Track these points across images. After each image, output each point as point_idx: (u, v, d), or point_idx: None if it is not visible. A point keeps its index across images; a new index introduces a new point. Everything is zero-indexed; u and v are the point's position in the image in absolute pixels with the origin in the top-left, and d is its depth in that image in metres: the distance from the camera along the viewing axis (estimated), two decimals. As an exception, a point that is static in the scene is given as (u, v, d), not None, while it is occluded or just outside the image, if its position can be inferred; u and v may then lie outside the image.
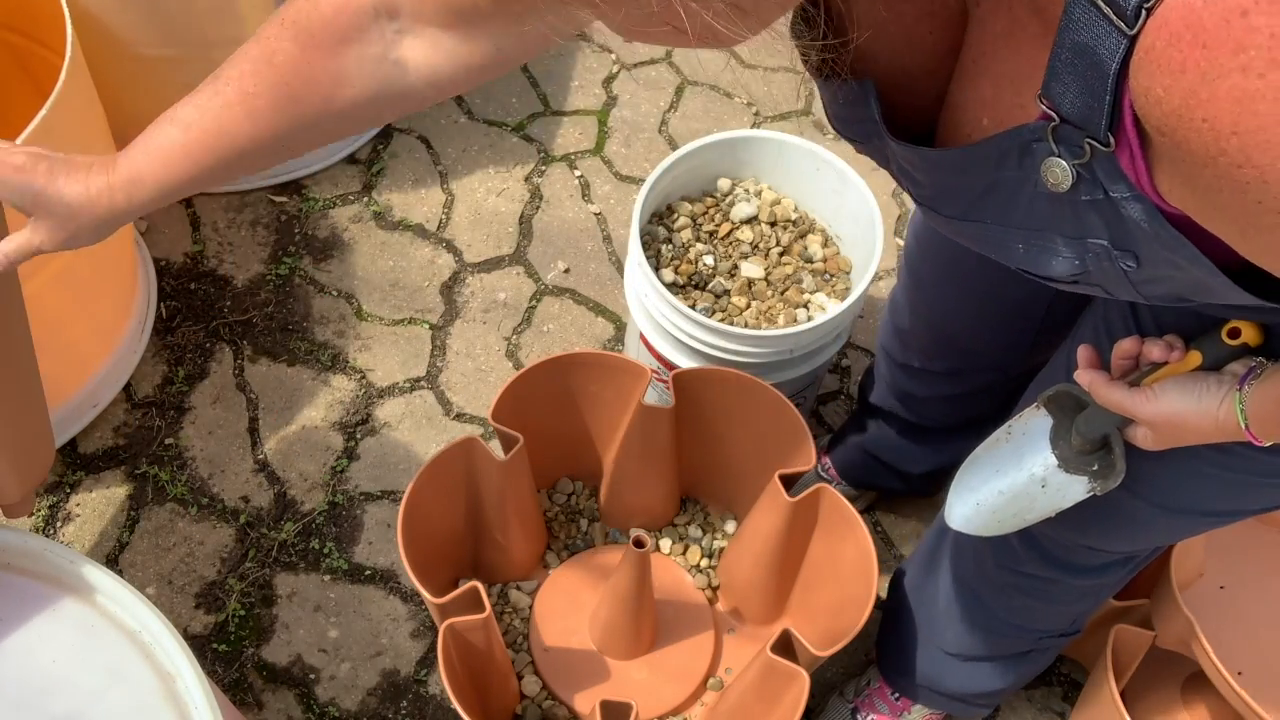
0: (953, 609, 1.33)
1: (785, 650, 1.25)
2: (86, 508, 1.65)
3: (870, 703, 1.53)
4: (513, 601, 1.51)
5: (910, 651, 1.43)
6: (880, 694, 1.52)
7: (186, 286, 1.86)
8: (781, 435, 1.42)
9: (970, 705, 1.45)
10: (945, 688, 1.42)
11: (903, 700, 1.50)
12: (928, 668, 1.42)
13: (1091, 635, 1.50)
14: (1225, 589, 1.36)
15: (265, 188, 1.98)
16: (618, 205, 2.05)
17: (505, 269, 1.95)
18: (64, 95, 1.38)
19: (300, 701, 1.53)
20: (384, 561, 1.65)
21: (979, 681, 1.38)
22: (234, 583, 1.61)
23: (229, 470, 1.70)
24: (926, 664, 1.42)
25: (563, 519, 1.59)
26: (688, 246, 1.60)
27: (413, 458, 1.74)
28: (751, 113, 2.21)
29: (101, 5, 1.63)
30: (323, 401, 1.78)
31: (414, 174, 2.04)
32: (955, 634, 1.35)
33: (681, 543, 1.58)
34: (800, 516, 1.36)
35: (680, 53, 2.28)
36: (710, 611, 1.52)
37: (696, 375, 1.42)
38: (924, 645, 1.41)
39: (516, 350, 1.86)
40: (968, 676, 1.38)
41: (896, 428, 1.55)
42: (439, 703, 1.54)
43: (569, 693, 1.44)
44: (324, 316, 1.86)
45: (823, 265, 1.61)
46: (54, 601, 1.00)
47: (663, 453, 1.46)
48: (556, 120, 2.15)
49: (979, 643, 1.33)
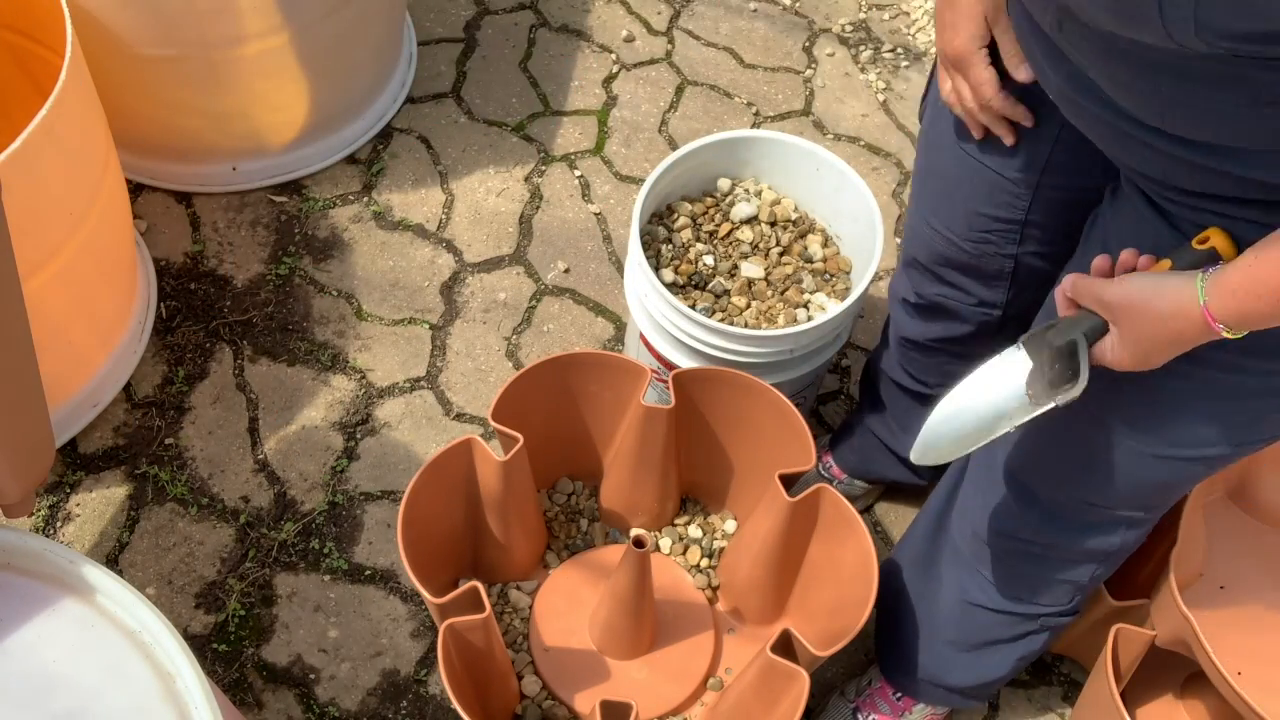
0: (953, 595, 1.34)
1: (785, 650, 1.25)
2: (86, 508, 1.65)
3: (872, 703, 1.53)
4: (513, 601, 1.51)
5: (911, 648, 1.43)
6: (881, 694, 1.52)
7: (186, 286, 1.86)
8: (781, 435, 1.42)
9: (972, 698, 1.46)
10: (949, 681, 1.42)
11: (904, 700, 1.51)
12: (930, 663, 1.42)
13: (1091, 635, 1.50)
14: (1225, 589, 1.36)
15: (265, 188, 1.98)
16: (618, 205, 2.05)
17: (505, 269, 1.95)
18: (64, 95, 1.38)
19: (300, 701, 1.53)
20: (384, 561, 1.65)
21: (981, 670, 1.39)
22: (234, 583, 1.61)
23: (229, 470, 1.70)
24: (929, 659, 1.42)
25: (563, 519, 1.59)
26: (688, 246, 1.60)
27: (413, 458, 1.74)
28: (751, 113, 2.21)
29: (101, 5, 1.63)
30: (323, 401, 1.78)
31: (414, 174, 2.04)
32: (957, 622, 1.35)
33: (681, 543, 1.58)
34: (800, 516, 1.36)
35: (680, 52, 2.28)
36: (710, 611, 1.52)
37: (696, 375, 1.42)
38: (925, 640, 1.41)
39: (516, 350, 1.86)
40: (970, 667, 1.39)
41: (899, 404, 1.55)
42: (439, 703, 1.54)
43: (569, 693, 1.44)
44: (324, 316, 1.86)
45: (823, 265, 1.61)
46: (54, 601, 1.00)
47: (663, 453, 1.46)
48: (556, 120, 2.15)
49: (981, 628, 1.34)
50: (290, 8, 1.72)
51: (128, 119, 1.79)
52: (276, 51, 1.78)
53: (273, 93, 1.85)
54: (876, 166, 2.16)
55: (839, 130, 2.21)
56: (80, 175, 1.49)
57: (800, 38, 2.35)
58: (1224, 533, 1.39)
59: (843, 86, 2.28)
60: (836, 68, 2.31)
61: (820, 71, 2.30)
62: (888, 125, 2.23)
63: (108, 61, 1.67)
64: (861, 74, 2.31)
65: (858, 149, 2.19)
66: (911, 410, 1.53)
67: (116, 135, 1.65)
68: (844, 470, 1.72)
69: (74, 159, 1.46)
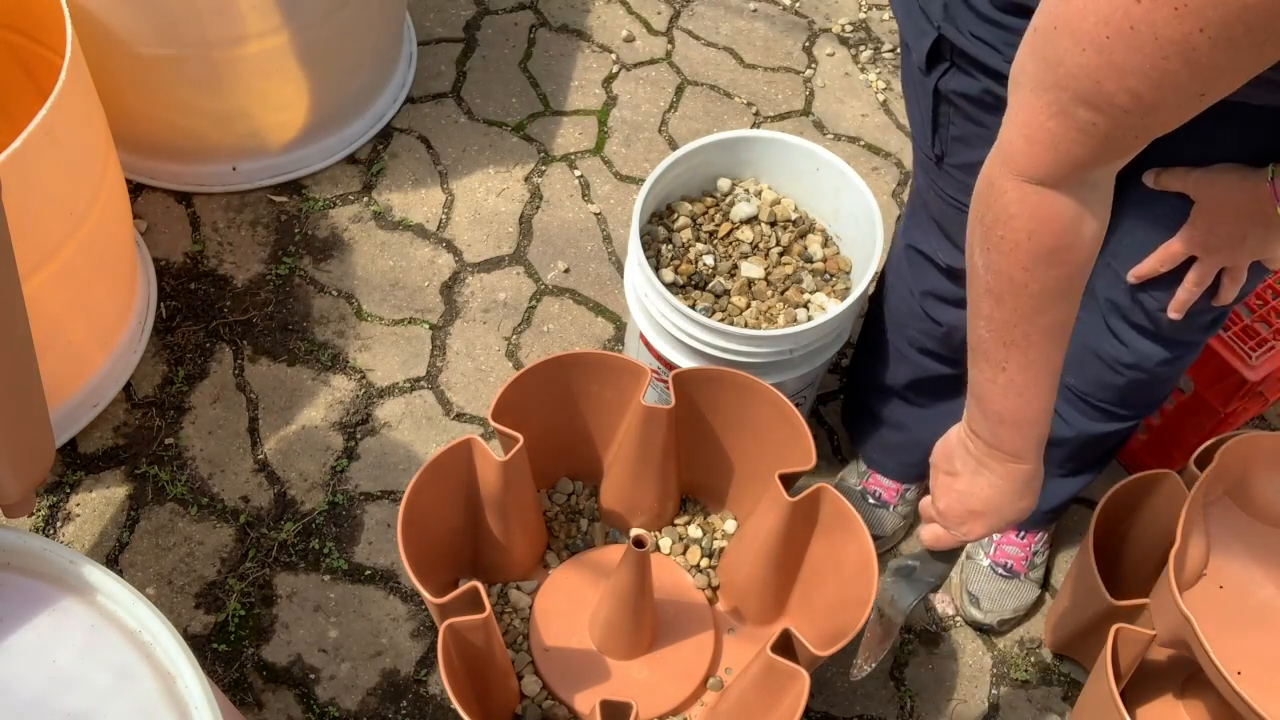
0: None
1: (785, 650, 1.25)
2: (86, 508, 1.65)
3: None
4: (513, 601, 1.51)
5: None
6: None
7: (186, 286, 1.86)
8: (781, 435, 1.42)
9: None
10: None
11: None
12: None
13: (1091, 635, 1.50)
14: (1225, 589, 1.36)
15: (265, 188, 1.98)
16: (618, 205, 2.05)
17: (505, 269, 1.95)
18: (64, 95, 1.38)
19: (300, 701, 1.53)
20: (384, 561, 1.65)
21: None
22: (234, 583, 1.61)
23: (229, 470, 1.70)
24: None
25: (563, 519, 1.59)
26: (688, 246, 1.60)
27: (413, 458, 1.74)
28: (751, 113, 2.21)
29: (101, 5, 1.63)
30: (323, 401, 1.78)
31: (414, 174, 2.04)
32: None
33: (681, 543, 1.58)
34: (800, 516, 1.36)
35: (680, 52, 2.29)
36: (710, 611, 1.52)
37: (696, 375, 1.42)
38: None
39: (516, 350, 1.86)
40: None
41: (927, 389, 1.56)
42: (439, 703, 1.54)
43: (569, 693, 1.44)
44: (324, 316, 1.86)
45: (823, 265, 1.61)
46: (54, 601, 1.00)
47: (663, 453, 1.46)
48: (556, 120, 2.15)
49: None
50: (290, 8, 1.72)
51: (128, 119, 1.79)
52: (277, 51, 1.78)
53: (273, 92, 1.85)
54: (876, 166, 2.16)
55: (839, 130, 2.21)
56: (80, 175, 1.49)
57: (800, 38, 2.35)
58: (1224, 533, 1.39)
59: (843, 86, 2.28)
60: (836, 68, 2.31)
61: (820, 71, 2.30)
62: (888, 125, 2.23)
63: (108, 61, 1.67)
64: (861, 74, 2.31)
65: (858, 149, 2.19)
66: (944, 382, 1.54)
67: (116, 135, 1.65)
68: (893, 475, 1.71)
69: (74, 159, 1.46)
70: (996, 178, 0.87)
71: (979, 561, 1.66)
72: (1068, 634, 1.58)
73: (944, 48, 1.12)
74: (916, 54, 1.15)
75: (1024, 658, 1.65)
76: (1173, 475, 1.43)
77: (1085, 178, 0.85)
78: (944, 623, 1.67)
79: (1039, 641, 1.67)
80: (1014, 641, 1.67)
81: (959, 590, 1.67)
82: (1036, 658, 1.65)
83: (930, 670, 1.63)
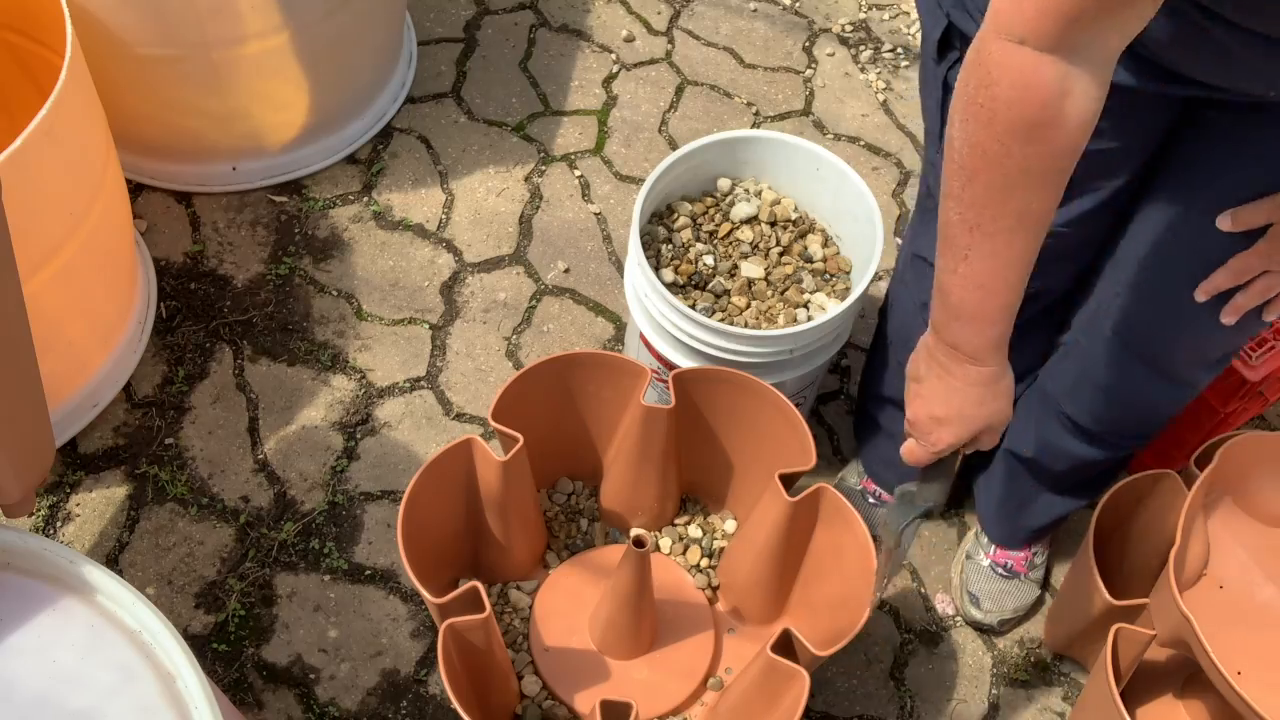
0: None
1: (785, 650, 1.25)
2: (86, 508, 1.65)
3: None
4: (513, 601, 1.51)
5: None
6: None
7: (186, 286, 1.86)
8: (781, 435, 1.42)
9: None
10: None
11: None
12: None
13: (1091, 635, 1.50)
14: (1225, 589, 1.36)
15: (265, 187, 1.98)
16: (618, 205, 2.05)
17: (505, 269, 1.95)
18: (64, 95, 1.38)
19: (300, 701, 1.53)
20: (384, 561, 1.65)
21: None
22: (234, 583, 1.61)
23: (229, 470, 1.70)
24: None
25: (563, 519, 1.59)
26: (688, 246, 1.60)
27: (413, 458, 1.74)
28: (751, 113, 2.21)
29: (101, 5, 1.63)
30: (323, 401, 1.78)
31: (414, 174, 2.04)
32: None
33: (681, 543, 1.58)
34: (800, 516, 1.36)
35: (680, 52, 2.28)
36: (710, 611, 1.52)
37: (696, 375, 1.42)
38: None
39: (516, 350, 1.86)
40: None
41: None
42: (439, 703, 1.54)
43: (569, 692, 1.44)
44: (324, 316, 1.86)
45: (823, 265, 1.61)
46: (54, 601, 1.00)
47: (663, 453, 1.46)
48: (556, 120, 2.15)
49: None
50: (290, 8, 1.72)
51: (128, 119, 1.79)
52: (276, 51, 1.78)
53: (273, 93, 1.85)
54: (876, 166, 2.16)
55: (839, 130, 2.21)
56: (80, 175, 1.49)
57: (800, 38, 2.35)
58: (1224, 533, 1.39)
59: (843, 86, 2.28)
60: (836, 68, 2.31)
61: (820, 71, 2.30)
62: (888, 125, 2.23)
63: (108, 61, 1.67)
64: (861, 74, 2.31)
65: (858, 149, 2.19)
66: None
67: (116, 135, 1.65)
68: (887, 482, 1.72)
69: (74, 159, 1.46)
70: (982, 41, 0.85)
71: (979, 561, 1.66)
72: (1067, 634, 1.58)
73: (954, 36, 1.11)
74: (929, 44, 1.14)
75: (1024, 658, 1.65)
76: (1173, 475, 1.43)
77: (1075, 40, 0.82)
78: (944, 623, 1.67)
79: (1039, 641, 1.67)
80: (1014, 641, 1.67)
81: (959, 590, 1.67)
82: (1036, 658, 1.65)
83: (930, 670, 1.63)
